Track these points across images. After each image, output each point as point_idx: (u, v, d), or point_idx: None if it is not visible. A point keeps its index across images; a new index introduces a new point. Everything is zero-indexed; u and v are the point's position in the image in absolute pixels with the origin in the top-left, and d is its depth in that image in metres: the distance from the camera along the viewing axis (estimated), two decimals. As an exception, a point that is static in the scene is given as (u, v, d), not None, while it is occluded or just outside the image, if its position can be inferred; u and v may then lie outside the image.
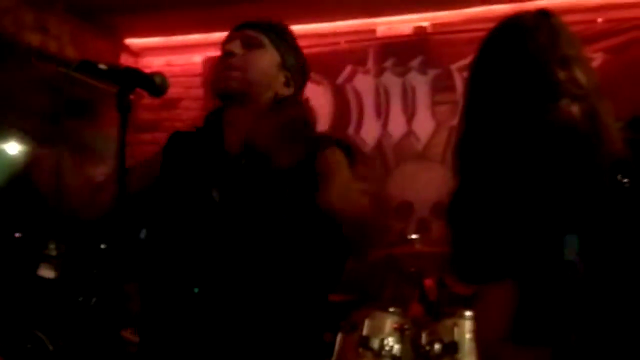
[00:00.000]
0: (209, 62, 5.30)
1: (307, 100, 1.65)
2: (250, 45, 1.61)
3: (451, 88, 4.74)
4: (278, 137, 1.47)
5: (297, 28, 1.76)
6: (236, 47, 1.61)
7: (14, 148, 5.52)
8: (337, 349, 3.25)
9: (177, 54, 5.53)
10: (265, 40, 1.62)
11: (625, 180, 1.12)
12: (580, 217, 1.13)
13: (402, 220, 4.67)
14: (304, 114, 1.55)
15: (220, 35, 1.70)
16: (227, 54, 1.62)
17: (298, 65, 1.68)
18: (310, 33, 4.94)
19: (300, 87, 1.69)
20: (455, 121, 4.68)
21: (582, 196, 1.13)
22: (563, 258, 1.12)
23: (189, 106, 5.50)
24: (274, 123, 1.49)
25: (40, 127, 1.66)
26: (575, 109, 1.14)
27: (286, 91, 1.64)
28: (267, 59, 1.61)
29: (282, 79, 1.64)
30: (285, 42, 1.67)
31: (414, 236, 3.80)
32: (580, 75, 1.17)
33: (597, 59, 4.31)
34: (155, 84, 1.44)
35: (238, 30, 1.65)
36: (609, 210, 1.12)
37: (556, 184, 1.14)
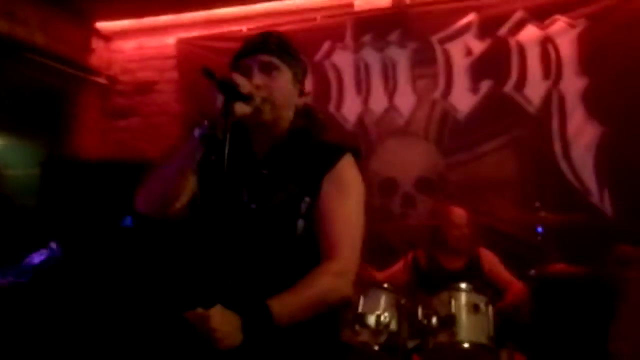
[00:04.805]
0: (182, 44, 5.18)
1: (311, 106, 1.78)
2: (268, 69, 1.66)
3: (432, 60, 4.67)
4: None
5: (272, 5, 1.71)
6: (257, 77, 1.65)
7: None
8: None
9: (149, 37, 5.37)
10: (277, 62, 1.67)
11: None
12: None
13: (386, 196, 4.63)
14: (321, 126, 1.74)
15: (193, 16, 1.65)
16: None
17: (302, 71, 1.76)
18: (286, 10, 4.84)
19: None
20: (436, 94, 4.67)
21: None
22: None
23: (164, 89, 5.34)
24: None
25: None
26: None
27: (301, 101, 1.74)
28: (285, 81, 1.68)
29: (297, 92, 1.73)
30: (290, 55, 1.72)
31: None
32: None
33: (579, 25, 4.28)
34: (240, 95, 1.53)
35: (251, 56, 1.68)
36: None
37: None
